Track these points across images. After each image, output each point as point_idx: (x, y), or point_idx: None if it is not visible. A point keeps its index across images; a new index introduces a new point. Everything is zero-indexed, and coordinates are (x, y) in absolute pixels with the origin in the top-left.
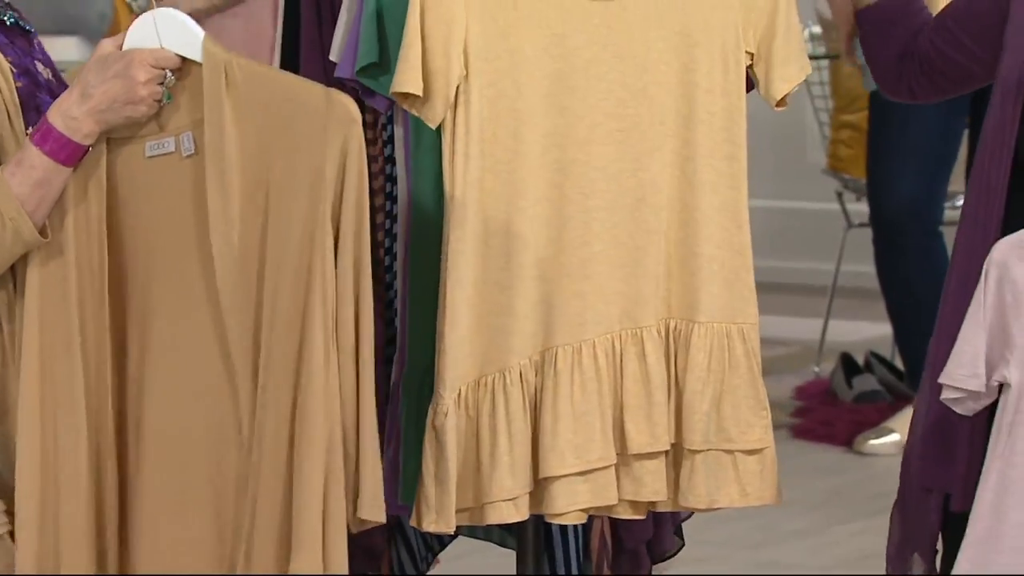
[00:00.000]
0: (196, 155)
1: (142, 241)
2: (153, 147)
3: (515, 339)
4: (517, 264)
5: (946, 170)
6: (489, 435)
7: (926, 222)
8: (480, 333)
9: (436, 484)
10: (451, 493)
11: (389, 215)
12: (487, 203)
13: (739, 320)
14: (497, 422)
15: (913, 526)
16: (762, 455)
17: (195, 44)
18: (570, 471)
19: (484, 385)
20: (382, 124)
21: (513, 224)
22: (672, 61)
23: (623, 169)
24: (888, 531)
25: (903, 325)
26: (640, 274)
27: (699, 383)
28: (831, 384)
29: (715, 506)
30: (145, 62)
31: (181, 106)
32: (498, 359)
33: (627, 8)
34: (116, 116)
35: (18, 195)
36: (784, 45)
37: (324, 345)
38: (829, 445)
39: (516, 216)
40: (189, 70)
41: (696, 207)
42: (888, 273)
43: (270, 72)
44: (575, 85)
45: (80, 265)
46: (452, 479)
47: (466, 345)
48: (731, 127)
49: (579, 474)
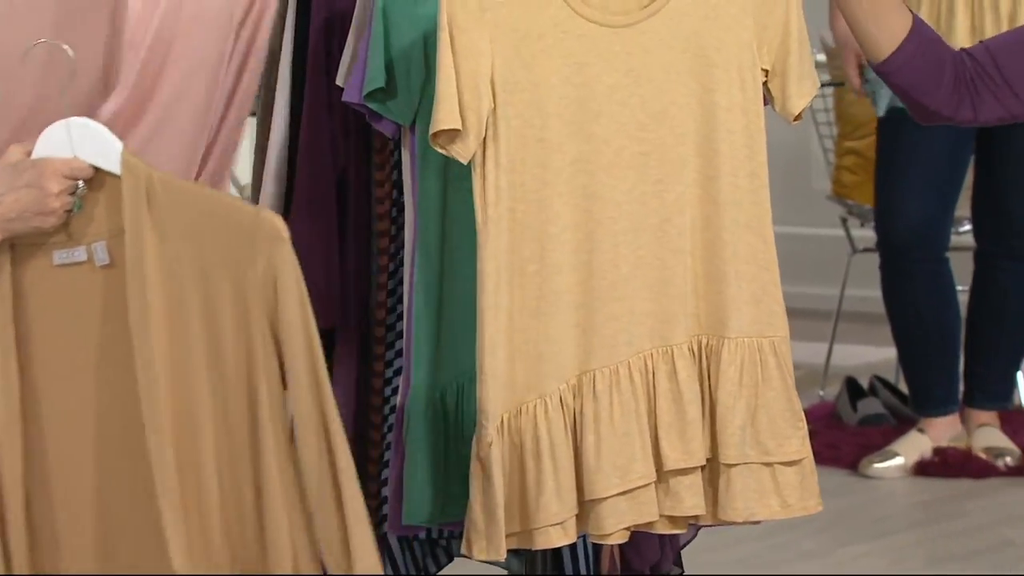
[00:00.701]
0: (112, 266)
1: (52, 350)
2: (62, 256)
3: (552, 365)
4: (551, 291)
5: (954, 196)
6: (534, 461)
7: (934, 248)
8: (518, 361)
9: (484, 513)
10: (500, 522)
11: (394, 240)
12: (519, 232)
13: (769, 334)
14: (541, 448)
15: None
16: (801, 465)
17: (112, 155)
18: (615, 491)
19: (526, 412)
20: (390, 149)
21: (545, 251)
22: (690, 82)
23: (647, 191)
24: None
25: (909, 350)
26: (668, 293)
27: (731, 398)
28: (836, 408)
29: (754, 519)
30: (58, 172)
31: (94, 217)
32: (537, 385)
33: (644, 33)
34: (24, 226)
35: None
36: (799, 62)
37: (277, 460)
38: (834, 468)
39: (548, 243)
40: (103, 180)
41: (721, 225)
42: (895, 298)
43: (193, 188)
44: (599, 111)
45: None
46: (500, 507)
47: (505, 374)
48: (752, 144)
49: (622, 493)
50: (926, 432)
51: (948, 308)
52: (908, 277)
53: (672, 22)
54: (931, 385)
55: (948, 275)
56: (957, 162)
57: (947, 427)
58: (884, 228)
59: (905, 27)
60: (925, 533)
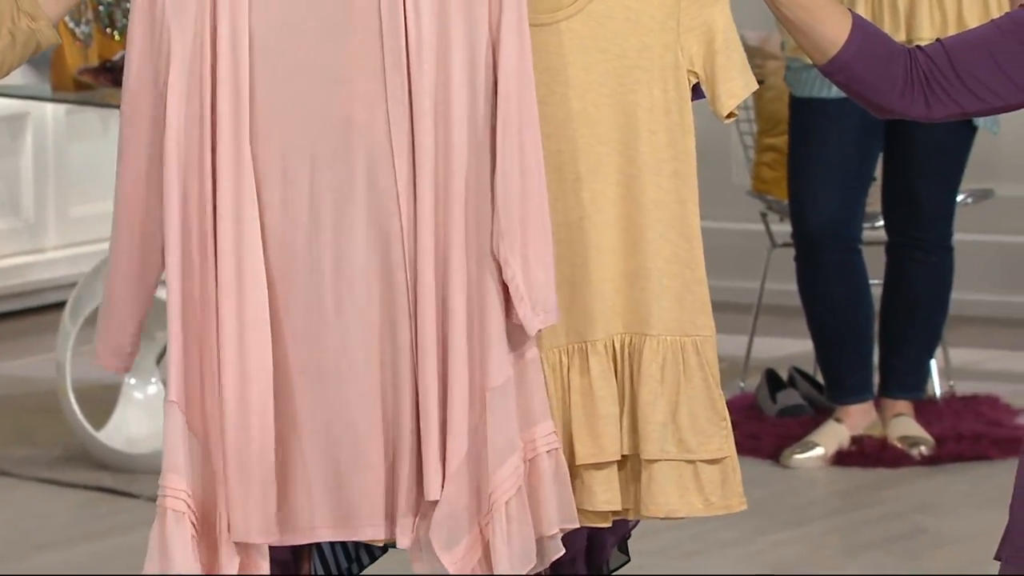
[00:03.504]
0: None
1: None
2: None
3: None
4: None
5: (864, 190)
6: None
7: (846, 240)
8: None
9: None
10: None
11: None
12: None
13: (692, 333)
14: None
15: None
16: (723, 464)
17: None
18: None
19: None
20: None
21: None
22: (611, 83)
23: (564, 189)
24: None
25: (823, 339)
26: (585, 290)
27: (652, 395)
28: (756, 399)
29: (676, 515)
30: None
31: None
32: None
33: (563, 33)
34: None
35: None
36: (726, 63)
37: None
38: (755, 458)
39: None
40: None
41: (643, 224)
42: (809, 289)
43: None
44: None
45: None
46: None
47: None
48: (675, 144)
49: None
50: (843, 421)
51: (861, 299)
52: (822, 269)
53: (593, 23)
54: (845, 374)
55: (861, 266)
56: (866, 155)
57: (862, 415)
58: (797, 221)
59: (846, 25)
60: (842, 521)
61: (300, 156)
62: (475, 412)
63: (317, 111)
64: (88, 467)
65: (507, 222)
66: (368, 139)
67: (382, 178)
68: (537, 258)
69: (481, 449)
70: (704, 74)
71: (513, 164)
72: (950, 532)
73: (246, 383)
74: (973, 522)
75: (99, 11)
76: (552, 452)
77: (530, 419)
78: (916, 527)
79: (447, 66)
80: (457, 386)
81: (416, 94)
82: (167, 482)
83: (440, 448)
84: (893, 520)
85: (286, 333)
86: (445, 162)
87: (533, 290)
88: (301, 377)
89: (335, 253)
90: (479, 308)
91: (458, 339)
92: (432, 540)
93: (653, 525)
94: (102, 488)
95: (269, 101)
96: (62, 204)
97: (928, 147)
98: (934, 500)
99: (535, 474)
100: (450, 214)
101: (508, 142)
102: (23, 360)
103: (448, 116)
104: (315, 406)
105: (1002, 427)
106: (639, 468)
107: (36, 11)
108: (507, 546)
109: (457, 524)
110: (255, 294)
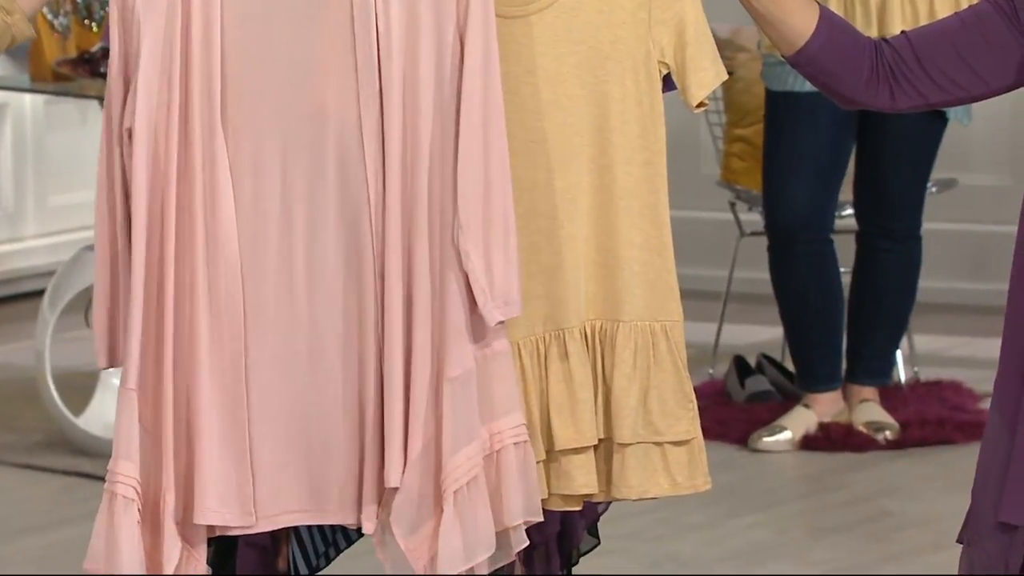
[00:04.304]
0: None
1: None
2: None
3: None
4: None
5: (837, 182)
6: None
7: (819, 231)
8: None
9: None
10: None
11: None
12: None
13: (662, 318)
14: None
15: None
16: (690, 446)
17: None
18: None
19: None
20: None
21: None
22: (583, 74)
23: (538, 179)
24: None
25: (795, 329)
26: (560, 279)
27: (625, 380)
28: (725, 385)
29: (646, 496)
30: None
31: None
32: None
33: (536, 25)
34: None
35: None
36: (697, 54)
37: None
38: (723, 443)
39: None
40: None
41: (615, 212)
42: (782, 280)
43: None
44: None
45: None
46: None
47: None
48: (646, 134)
49: None
50: (811, 407)
51: (832, 289)
52: (794, 260)
53: (565, 15)
54: (816, 363)
55: (832, 257)
56: (840, 148)
57: (831, 403)
58: (772, 213)
59: (813, 18)
60: (809, 504)
61: (272, 147)
62: (437, 402)
63: (290, 102)
64: (67, 453)
65: (468, 214)
66: (339, 130)
67: (353, 169)
68: (499, 250)
69: (440, 438)
70: (675, 65)
71: (476, 157)
72: (914, 515)
73: (221, 371)
74: (937, 505)
75: (77, 3)
76: (520, 444)
77: (497, 410)
78: (881, 510)
79: (415, 58)
80: (420, 375)
81: (386, 86)
82: (118, 468)
83: (403, 436)
84: (859, 503)
85: (257, 321)
86: (413, 153)
87: (494, 282)
88: (271, 364)
89: (307, 242)
90: (440, 299)
91: (422, 329)
92: (392, 526)
93: (622, 509)
94: (81, 473)
95: (241, 92)
96: (41, 193)
97: (901, 139)
98: (899, 484)
99: (502, 465)
100: (416, 205)
101: (471, 135)
102: (2, 347)
103: (416, 108)
104: (284, 393)
105: (965, 412)
106: (611, 451)
107: (11, 5)
108: (456, 533)
109: (417, 511)
110: (227, 283)
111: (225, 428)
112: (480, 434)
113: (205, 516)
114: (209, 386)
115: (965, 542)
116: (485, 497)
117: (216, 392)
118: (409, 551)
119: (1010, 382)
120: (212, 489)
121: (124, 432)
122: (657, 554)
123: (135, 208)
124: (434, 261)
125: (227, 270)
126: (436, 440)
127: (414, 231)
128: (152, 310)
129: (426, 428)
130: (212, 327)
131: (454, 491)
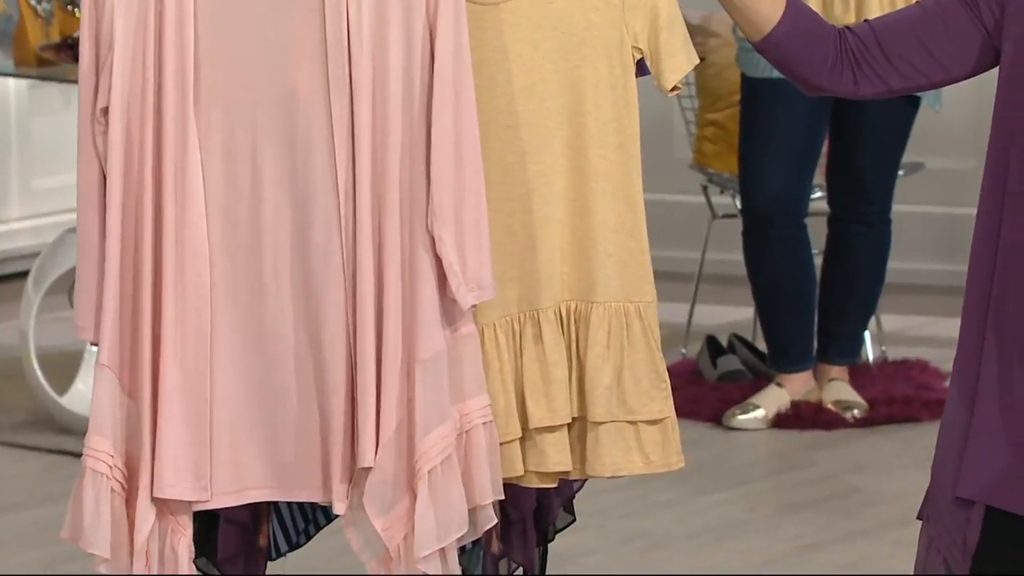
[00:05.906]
0: None
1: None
2: None
3: None
4: None
5: (812, 167)
6: None
7: (793, 216)
8: None
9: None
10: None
11: None
12: None
13: (635, 299)
14: None
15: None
16: (663, 424)
17: None
18: None
19: None
20: None
21: None
22: (558, 59)
23: (514, 162)
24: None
25: (768, 311)
26: (534, 260)
27: (599, 359)
28: (697, 364)
29: (620, 474)
30: None
31: None
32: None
33: (511, 11)
34: None
35: None
36: (669, 39)
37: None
38: (695, 421)
39: None
40: None
41: (589, 195)
42: (756, 263)
43: None
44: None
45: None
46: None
47: None
48: (620, 118)
49: None
50: (784, 387)
51: (805, 272)
52: (769, 244)
53: (540, 2)
54: (788, 344)
55: (806, 241)
56: (814, 134)
57: (803, 382)
58: (748, 198)
59: (780, 5)
60: (779, 481)
61: (243, 129)
62: (409, 383)
63: (261, 85)
64: (51, 431)
65: (441, 200)
66: (309, 115)
67: (321, 154)
68: (472, 234)
69: (412, 419)
70: (648, 50)
71: (447, 142)
72: (882, 491)
73: (184, 348)
74: (904, 482)
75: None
76: (487, 424)
77: (465, 392)
78: (849, 487)
79: (384, 46)
80: (391, 357)
81: (355, 73)
82: (90, 443)
83: (375, 417)
84: (828, 480)
85: (226, 301)
86: (382, 139)
87: (467, 266)
88: (237, 343)
89: (275, 224)
90: (411, 282)
91: (393, 312)
92: (365, 506)
93: (595, 486)
94: (65, 452)
95: (214, 75)
96: (25, 177)
97: (874, 125)
98: (867, 461)
99: (471, 445)
100: (386, 190)
101: (443, 121)
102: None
103: (385, 95)
104: (249, 372)
105: (932, 391)
106: (585, 430)
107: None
108: (431, 512)
109: (390, 491)
110: (196, 262)
111: (187, 403)
112: (451, 414)
113: (162, 490)
114: (172, 362)
115: (925, 518)
116: (458, 476)
117: (179, 368)
118: (383, 530)
119: (968, 361)
120: (170, 464)
121: (98, 407)
122: (630, 530)
123: (110, 187)
124: (404, 245)
125: (194, 249)
126: (409, 421)
127: (384, 215)
128: (128, 288)
129: (399, 409)
130: (177, 305)
131: (428, 471)
